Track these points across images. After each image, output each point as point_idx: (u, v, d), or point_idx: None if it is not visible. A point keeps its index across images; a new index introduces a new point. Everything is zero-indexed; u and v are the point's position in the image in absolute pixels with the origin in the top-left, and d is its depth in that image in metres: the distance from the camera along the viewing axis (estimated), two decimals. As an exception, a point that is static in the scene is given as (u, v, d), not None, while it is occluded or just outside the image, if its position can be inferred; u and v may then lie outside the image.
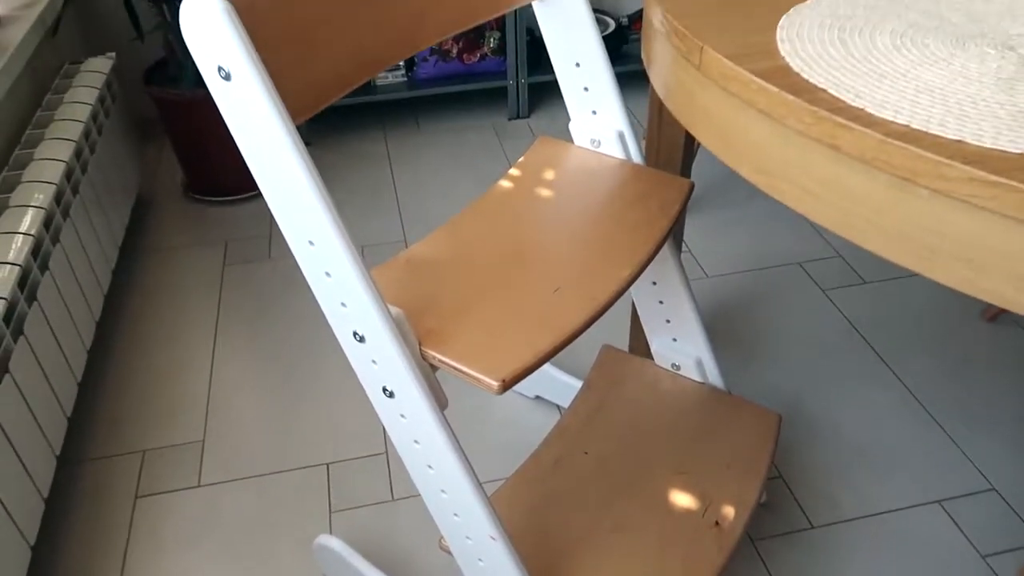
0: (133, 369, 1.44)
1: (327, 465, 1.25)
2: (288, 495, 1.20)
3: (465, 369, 0.70)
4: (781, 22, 0.71)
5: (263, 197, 1.87)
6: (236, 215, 1.84)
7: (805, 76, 0.61)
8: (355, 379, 1.39)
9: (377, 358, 0.71)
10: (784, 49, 0.66)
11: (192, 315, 1.56)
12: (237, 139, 0.67)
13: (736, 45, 0.67)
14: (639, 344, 1.26)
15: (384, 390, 0.73)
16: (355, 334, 0.71)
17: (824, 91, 0.59)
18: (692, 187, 0.91)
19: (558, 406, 1.31)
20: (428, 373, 0.72)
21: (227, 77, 0.63)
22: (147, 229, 1.81)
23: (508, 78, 2.10)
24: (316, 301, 1.55)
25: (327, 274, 0.69)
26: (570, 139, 1.01)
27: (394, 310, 0.70)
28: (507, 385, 0.69)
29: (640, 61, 2.09)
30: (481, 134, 2.11)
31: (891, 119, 0.55)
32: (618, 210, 0.88)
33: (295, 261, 1.71)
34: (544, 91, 2.27)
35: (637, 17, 2.18)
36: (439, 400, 0.72)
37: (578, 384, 1.21)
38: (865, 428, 1.26)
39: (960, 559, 1.07)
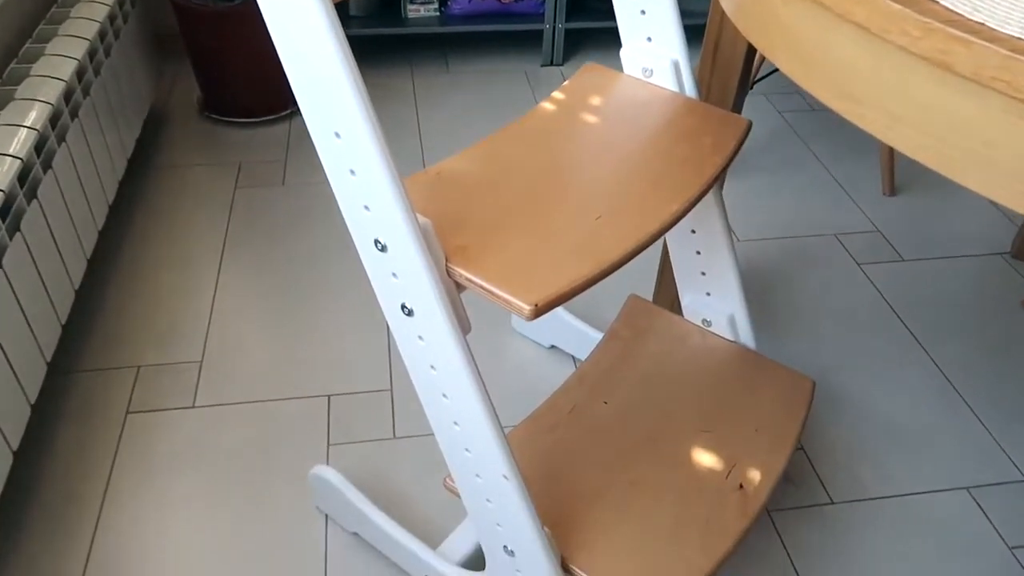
0: (134, 284, 1.39)
1: (328, 397, 1.19)
2: (285, 424, 1.15)
3: (495, 290, 0.63)
4: (880, -66, 0.63)
5: (281, 122, 1.81)
6: (252, 138, 1.77)
7: (912, -14, 0.54)
8: (363, 313, 1.33)
9: (398, 270, 0.65)
10: (886, -41, 0.58)
11: (199, 235, 1.50)
12: (266, 14, 0.60)
13: (830, -47, 0.60)
14: (664, 297, 1.19)
15: (403, 307, 0.67)
16: (376, 242, 0.65)
17: (936, 2, 0.52)
18: (749, 126, 0.84)
19: (574, 358, 1.25)
20: (453, 292, 0.66)
21: (259, -66, 0.55)
22: (159, 145, 1.74)
23: (545, 21, 2.01)
24: (331, 231, 1.50)
25: (352, 172, 0.62)
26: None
27: (422, 219, 0.63)
28: (540, 311, 0.62)
29: (686, 16, 1.99)
30: (512, 79, 2.03)
31: (1018, 35, 0.48)
32: (668, 144, 0.81)
33: (311, 189, 1.65)
34: (580, 39, 2.18)
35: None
36: (462, 324, 0.66)
37: (597, 336, 1.15)
38: (894, 408, 1.20)
39: (986, 548, 1.01)
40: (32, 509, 1.03)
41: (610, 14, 0.91)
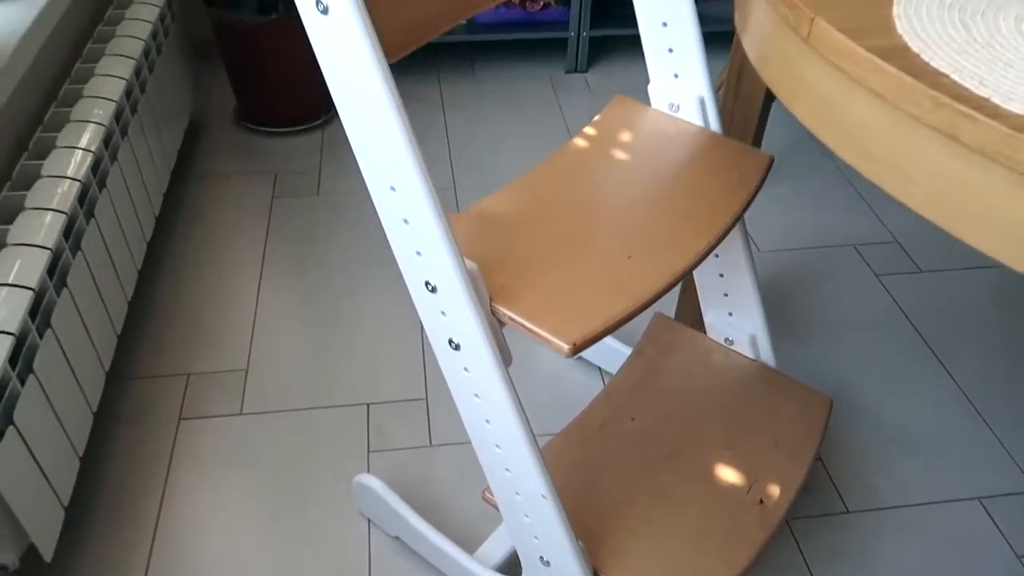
0: (180, 292, 1.46)
1: (367, 405, 1.26)
2: (327, 431, 1.22)
3: (536, 329, 0.69)
4: (897, -2, 0.67)
5: (315, 131, 1.87)
6: (287, 147, 1.83)
7: (925, 58, 0.59)
8: (398, 321, 1.40)
9: (447, 310, 0.71)
10: (902, 27, 0.63)
11: (239, 245, 1.56)
12: (327, 75, 0.65)
13: (849, 18, 0.64)
14: (687, 314, 1.25)
15: (451, 342, 0.73)
16: (427, 284, 0.71)
17: (946, 76, 0.57)
18: (772, 161, 0.89)
19: (600, 368, 1.31)
20: (496, 329, 0.72)
21: (325, 11, 0.61)
22: (198, 155, 1.81)
23: (570, 29, 2.05)
24: (364, 240, 1.56)
25: (405, 221, 0.68)
26: (630, 97, 0.99)
27: (469, 264, 0.69)
28: (577, 349, 0.68)
29: (711, 23, 2.03)
30: (537, 85, 2.08)
31: (1018, 111, 0.52)
32: (695, 179, 0.86)
33: (344, 198, 1.71)
34: (604, 46, 2.22)
35: (707, -24, 2.11)
36: (504, 357, 0.72)
37: (623, 349, 1.21)
38: (909, 417, 1.24)
39: (995, 557, 1.06)
40: (98, 507, 1.11)
41: (633, 22, 0.95)
